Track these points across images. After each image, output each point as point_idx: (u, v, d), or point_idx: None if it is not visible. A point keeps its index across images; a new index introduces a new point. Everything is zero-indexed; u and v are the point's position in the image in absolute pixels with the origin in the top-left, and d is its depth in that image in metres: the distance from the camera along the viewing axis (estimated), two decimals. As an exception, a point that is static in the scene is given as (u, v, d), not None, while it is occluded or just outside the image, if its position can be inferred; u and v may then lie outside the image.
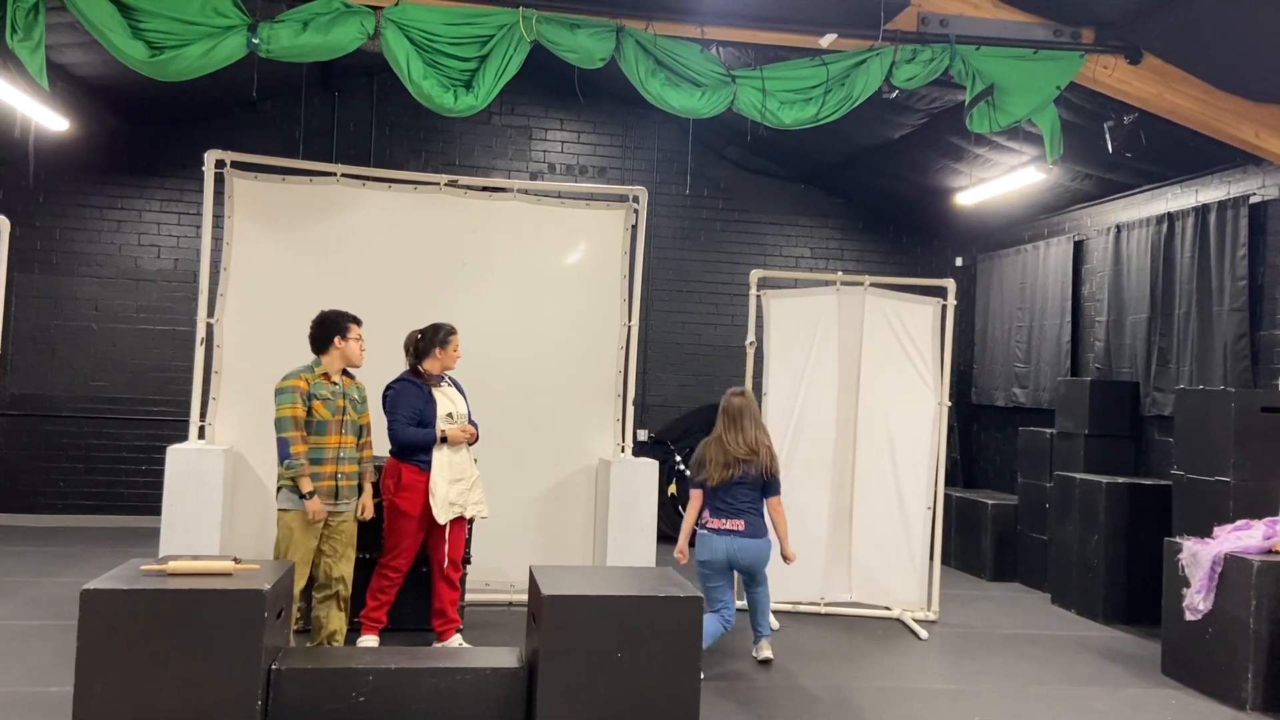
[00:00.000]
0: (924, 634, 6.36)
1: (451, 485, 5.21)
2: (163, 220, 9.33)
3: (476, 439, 5.36)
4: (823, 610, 6.80)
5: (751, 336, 6.93)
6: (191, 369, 6.23)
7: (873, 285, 7.04)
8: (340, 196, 6.50)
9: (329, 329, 4.98)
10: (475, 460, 5.40)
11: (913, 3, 5.54)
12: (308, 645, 4.88)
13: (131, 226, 9.27)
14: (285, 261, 6.35)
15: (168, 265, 9.31)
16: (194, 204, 9.16)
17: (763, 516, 5.45)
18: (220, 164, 6.20)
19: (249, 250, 6.30)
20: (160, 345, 9.23)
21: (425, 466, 5.17)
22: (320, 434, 4.86)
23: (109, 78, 7.50)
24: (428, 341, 5.29)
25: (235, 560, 4.13)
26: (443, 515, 5.17)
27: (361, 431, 5.11)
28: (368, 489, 5.15)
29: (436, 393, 5.28)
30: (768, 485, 5.44)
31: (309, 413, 4.84)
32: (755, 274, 7.05)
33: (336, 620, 4.98)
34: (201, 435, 6.09)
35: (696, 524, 5.46)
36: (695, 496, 5.47)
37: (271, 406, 4.86)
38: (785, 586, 6.68)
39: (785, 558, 5.55)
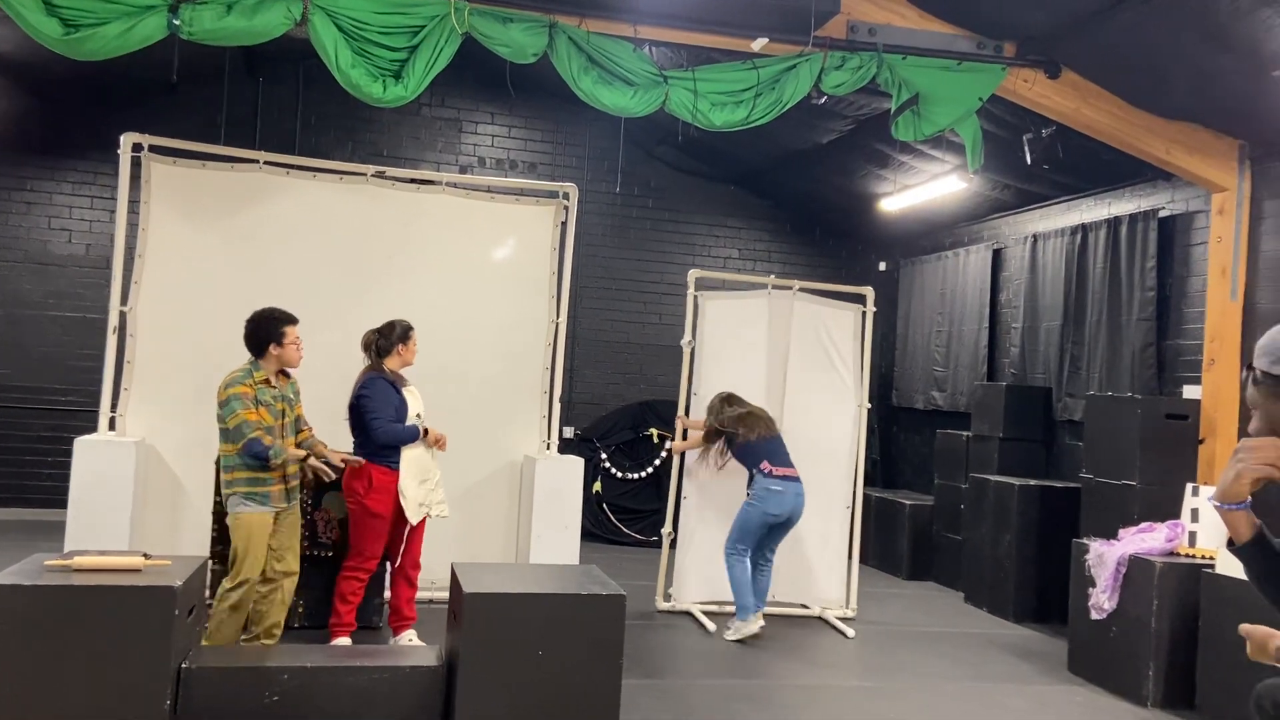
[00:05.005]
0: (851, 632, 6.47)
1: (420, 486, 5.21)
2: (75, 204, 9.00)
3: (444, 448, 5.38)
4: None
5: (689, 336, 6.87)
6: (102, 358, 6.03)
7: (801, 289, 7.14)
8: (263, 185, 6.35)
9: (262, 334, 4.84)
10: (435, 458, 5.39)
11: (842, 10, 5.63)
12: (242, 639, 4.82)
13: (41, 210, 8.93)
14: (204, 249, 6.19)
15: (79, 250, 8.99)
16: (108, 187, 8.85)
17: None
18: (137, 147, 6.01)
19: (166, 237, 6.12)
20: (70, 333, 8.91)
21: (394, 466, 5.13)
22: None
23: (20, 55, 7.20)
24: (388, 340, 5.23)
25: (145, 556, 4.02)
26: (415, 515, 5.18)
27: (299, 423, 5.07)
28: (324, 453, 5.04)
29: (405, 392, 5.25)
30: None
31: None
32: (693, 274, 7.02)
33: (279, 612, 4.94)
34: (112, 427, 5.90)
35: (760, 473, 6.12)
36: (705, 440, 6.35)
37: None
38: (705, 587, 6.74)
39: None
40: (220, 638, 4.70)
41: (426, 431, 5.25)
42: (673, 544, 6.89)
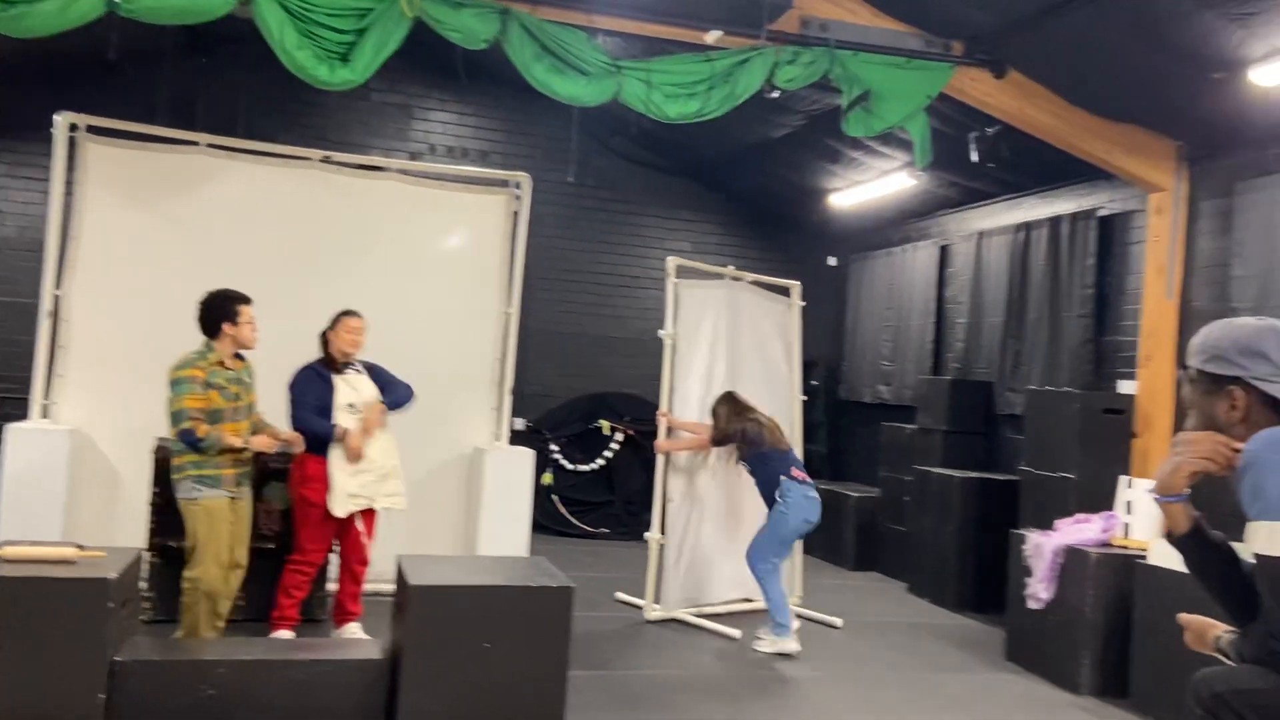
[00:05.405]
0: (839, 622, 6.51)
1: (353, 476, 5.09)
2: (8, 185, 8.73)
3: (376, 425, 5.18)
4: (722, 609, 6.62)
5: (670, 327, 6.56)
6: (35, 343, 5.85)
7: (752, 282, 7.17)
8: (205, 168, 6.20)
9: (216, 314, 4.75)
10: (391, 448, 5.27)
11: (795, 6, 5.66)
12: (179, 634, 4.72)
13: (-29, 189, 8.64)
14: (142, 233, 6.03)
15: (11, 232, 8.72)
16: (42, 168, 8.50)
17: None
18: (73, 127, 5.83)
19: (102, 219, 5.95)
20: (0, 317, 8.63)
21: (325, 456, 5.05)
22: (216, 424, 4.65)
23: (-51, 27, 6.95)
24: (328, 327, 5.20)
25: (79, 547, 3.92)
26: (339, 508, 5.05)
27: (251, 408, 4.96)
28: (274, 432, 4.98)
29: (339, 380, 5.15)
30: None
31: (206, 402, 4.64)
32: (672, 261, 6.69)
33: (222, 605, 4.82)
34: (45, 414, 5.74)
35: (794, 481, 5.92)
36: (703, 442, 6.26)
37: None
38: (700, 589, 6.62)
39: None
40: (193, 630, 4.62)
41: (346, 434, 5.07)
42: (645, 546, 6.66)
